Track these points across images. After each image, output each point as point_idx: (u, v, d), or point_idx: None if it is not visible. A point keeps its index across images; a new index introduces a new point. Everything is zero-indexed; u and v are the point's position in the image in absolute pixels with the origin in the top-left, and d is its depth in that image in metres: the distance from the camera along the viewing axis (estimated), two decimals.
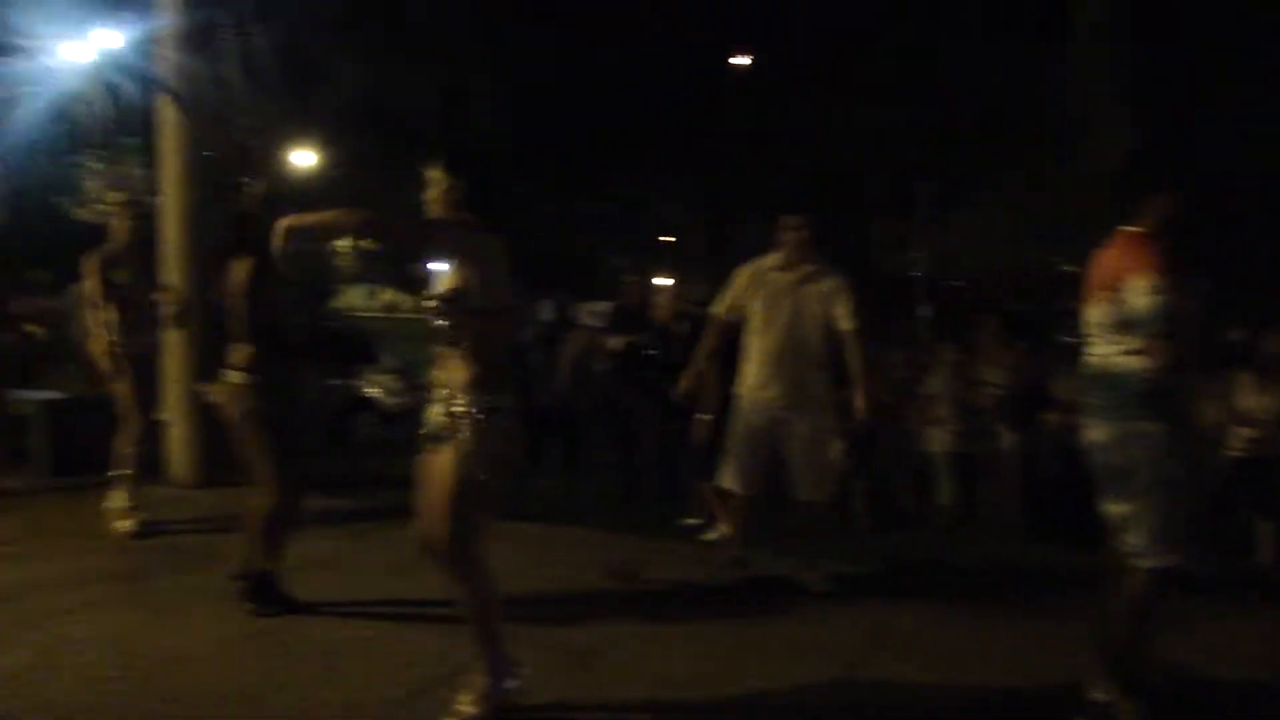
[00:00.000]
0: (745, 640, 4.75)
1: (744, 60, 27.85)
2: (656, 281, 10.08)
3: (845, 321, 5.45)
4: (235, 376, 4.82)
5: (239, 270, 4.85)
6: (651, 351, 7.81)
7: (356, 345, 14.76)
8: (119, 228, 6.43)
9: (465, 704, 3.77)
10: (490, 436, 3.62)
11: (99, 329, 6.37)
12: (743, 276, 5.64)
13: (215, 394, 4.89)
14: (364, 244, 4.51)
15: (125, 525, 6.37)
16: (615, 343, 8.15)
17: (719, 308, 5.73)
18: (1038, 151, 23.25)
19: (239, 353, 4.83)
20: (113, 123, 6.50)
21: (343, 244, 3.75)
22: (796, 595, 5.39)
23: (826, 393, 5.56)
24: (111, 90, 6.57)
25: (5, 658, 4.35)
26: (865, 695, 4.23)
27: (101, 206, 6.36)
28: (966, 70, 23.21)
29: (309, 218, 3.56)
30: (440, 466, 3.67)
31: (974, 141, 24.15)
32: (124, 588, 5.35)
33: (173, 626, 4.76)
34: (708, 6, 25.35)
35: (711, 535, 6.28)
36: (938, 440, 8.66)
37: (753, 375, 5.55)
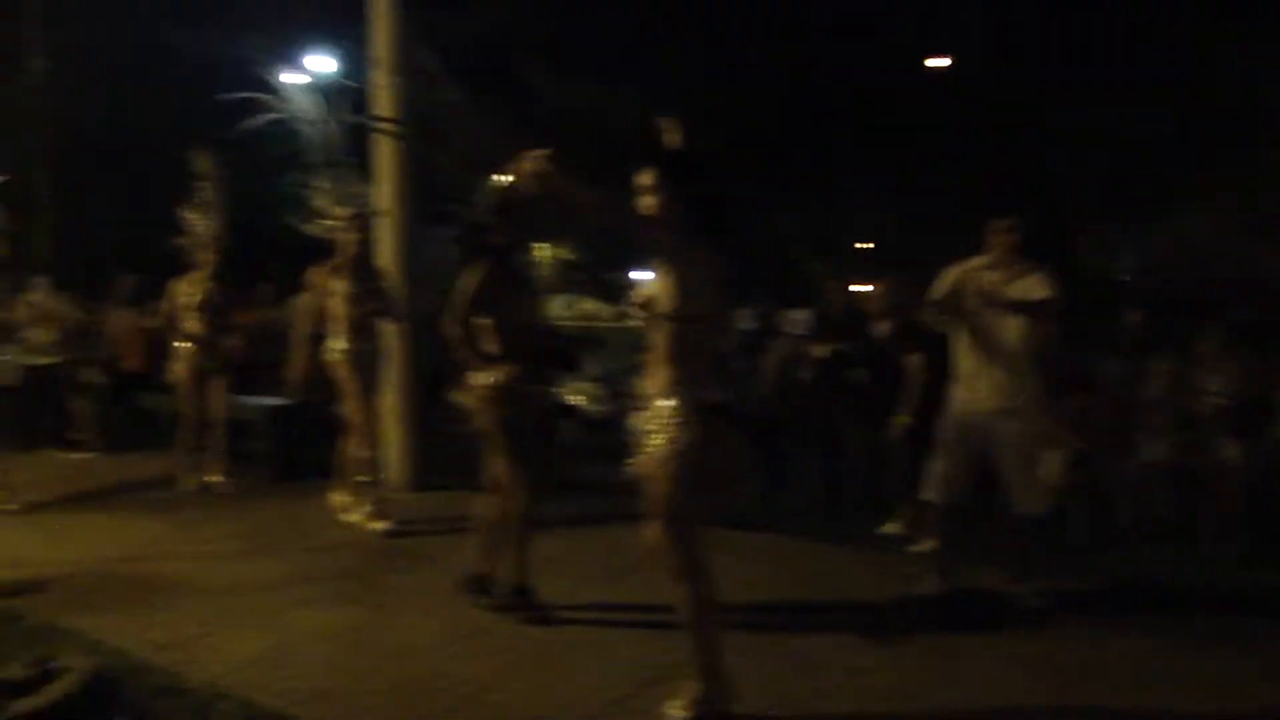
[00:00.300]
0: (956, 654, 4.64)
1: (942, 61, 27.26)
2: (856, 288, 9.94)
3: (1040, 292, 5.28)
4: (484, 383, 4.93)
5: (476, 279, 4.95)
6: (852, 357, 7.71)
7: (559, 354, 15.04)
8: (346, 241, 6.73)
9: (676, 709, 3.80)
10: (693, 440, 3.65)
11: (331, 337, 6.65)
12: (950, 277, 5.51)
13: (466, 401, 5.00)
14: (563, 254, 4.60)
15: (381, 525, 6.67)
16: (820, 350, 8.09)
17: (927, 309, 5.60)
18: (1259, 148, 22.02)
19: (486, 361, 4.94)
20: (336, 142, 6.80)
21: (543, 253, 3.82)
22: (1009, 611, 5.24)
23: (1040, 399, 5.39)
24: (333, 112, 6.88)
25: (243, 646, 4.62)
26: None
27: (329, 221, 6.65)
28: (1181, 62, 22.14)
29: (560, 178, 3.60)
30: (649, 472, 3.72)
31: (1189, 138, 23.02)
32: (348, 584, 5.60)
33: (396, 622, 4.96)
34: (906, 8, 24.93)
35: (919, 547, 6.15)
36: (1156, 451, 8.27)
37: (962, 380, 5.44)
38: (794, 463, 8.50)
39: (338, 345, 6.67)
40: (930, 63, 26.88)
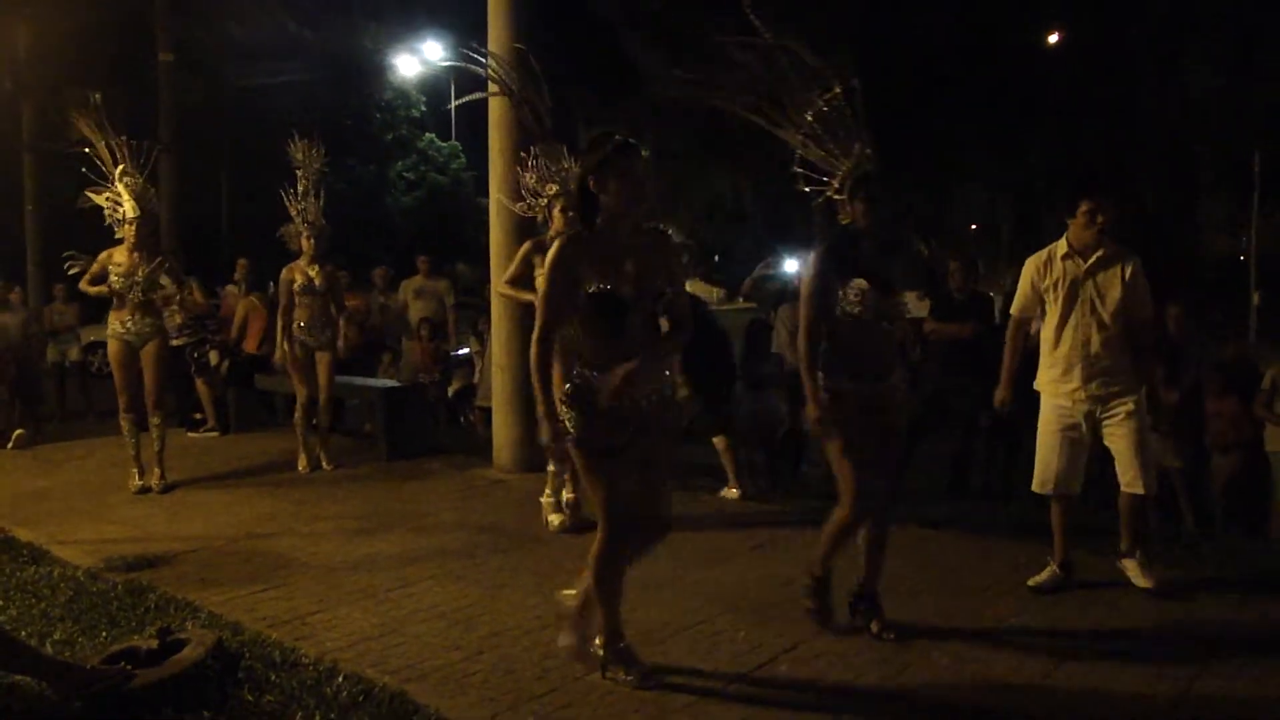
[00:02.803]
0: (1065, 642, 4.54)
1: (1054, 37, 26.56)
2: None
3: (1141, 309, 5.13)
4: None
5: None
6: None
7: None
8: (556, 218, 6.48)
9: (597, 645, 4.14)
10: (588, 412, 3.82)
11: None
12: (1030, 268, 5.36)
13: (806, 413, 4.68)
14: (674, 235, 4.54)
15: (555, 520, 6.49)
16: (941, 330, 8.05)
17: (1015, 307, 5.47)
18: None
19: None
20: (544, 119, 6.69)
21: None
22: (1122, 597, 5.11)
23: (1141, 378, 5.22)
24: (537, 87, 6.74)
25: (354, 623, 4.74)
26: (1200, 706, 3.97)
27: (542, 200, 6.60)
28: None
29: None
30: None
31: None
32: (456, 564, 5.70)
33: (502, 602, 5.03)
34: None
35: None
36: (1276, 439, 7.98)
37: (1052, 368, 5.28)
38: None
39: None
40: (1047, 38, 26.20)
